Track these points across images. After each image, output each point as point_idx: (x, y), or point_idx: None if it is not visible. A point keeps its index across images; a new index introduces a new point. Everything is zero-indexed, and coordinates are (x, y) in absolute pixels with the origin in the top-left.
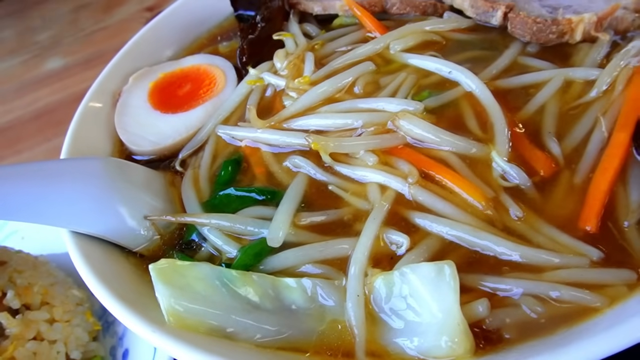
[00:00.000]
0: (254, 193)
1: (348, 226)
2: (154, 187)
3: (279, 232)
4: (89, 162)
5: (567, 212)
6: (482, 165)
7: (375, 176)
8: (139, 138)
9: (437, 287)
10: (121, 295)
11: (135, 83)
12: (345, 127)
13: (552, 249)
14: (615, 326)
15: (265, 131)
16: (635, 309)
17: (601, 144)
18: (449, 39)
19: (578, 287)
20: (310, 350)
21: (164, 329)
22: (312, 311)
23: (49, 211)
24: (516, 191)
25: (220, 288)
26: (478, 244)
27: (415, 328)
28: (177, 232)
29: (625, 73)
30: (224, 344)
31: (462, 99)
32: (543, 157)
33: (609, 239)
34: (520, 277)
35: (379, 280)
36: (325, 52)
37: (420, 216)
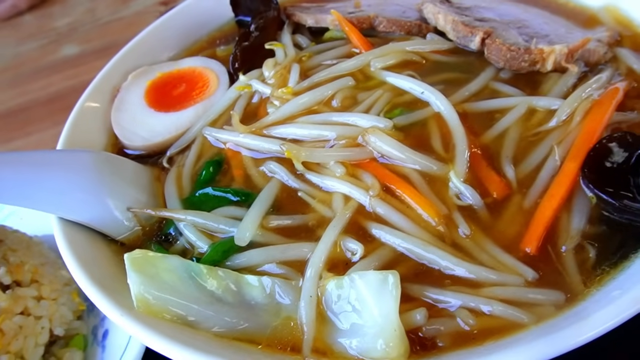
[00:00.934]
0: (229, 194)
1: (311, 231)
2: (140, 181)
3: (246, 232)
4: (80, 154)
5: (512, 234)
6: (441, 183)
7: (340, 186)
8: (131, 133)
9: (380, 294)
10: (97, 279)
11: (133, 81)
12: (319, 138)
13: (493, 266)
14: (537, 340)
15: (247, 136)
16: (559, 326)
17: (553, 171)
18: (429, 60)
19: (510, 304)
20: (263, 342)
21: (131, 313)
22: (269, 307)
23: (39, 197)
24: (469, 210)
25: (187, 280)
26: (425, 257)
27: (357, 330)
28: (157, 225)
29: (584, 105)
30: (185, 331)
31: (431, 119)
32: (498, 180)
33: (547, 261)
34: (459, 291)
35: (331, 284)
36: (311, 64)
37: (377, 227)
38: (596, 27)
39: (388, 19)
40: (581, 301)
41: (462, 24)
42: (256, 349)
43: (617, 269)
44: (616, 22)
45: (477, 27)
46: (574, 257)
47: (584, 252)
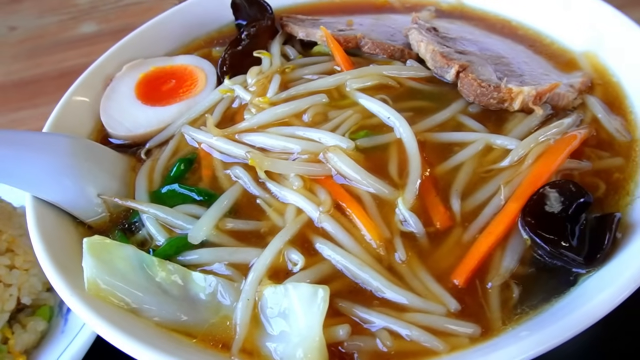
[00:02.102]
0: (194, 192)
1: (262, 238)
2: (116, 169)
3: (200, 232)
4: (59, 138)
5: (446, 264)
6: (389, 207)
7: (295, 199)
8: (117, 123)
9: (309, 306)
10: (56, 257)
11: (127, 71)
12: (285, 150)
13: (421, 293)
14: None
15: (219, 139)
16: (468, 358)
17: (496, 209)
18: (404, 86)
19: (428, 331)
20: (198, 337)
21: (81, 294)
22: (210, 305)
23: (15, 175)
24: (410, 237)
25: (138, 270)
26: (360, 277)
27: (284, 337)
28: (124, 214)
29: (538, 148)
30: (127, 318)
31: (393, 144)
32: (443, 212)
33: (472, 295)
34: (384, 313)
35: (268, 290)
36: (293, 76)
37: (321, 242)
38: (574, 71)
39: (373, 41)
40: (495, 337)
41: (441, 55)
42: (190, 342)
43: (536, 310)
44: (593, 69)
45: (454, 60)
46: (499, 294)
47: (509, 291)
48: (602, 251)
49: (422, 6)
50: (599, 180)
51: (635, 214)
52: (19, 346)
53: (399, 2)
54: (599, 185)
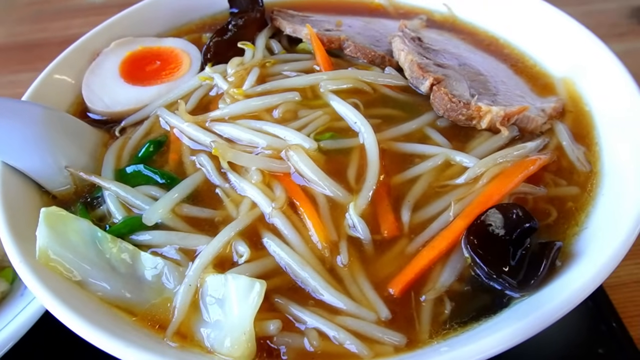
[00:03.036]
0: (157, 175)
1: (215, 227)
2: (87, 143)
3: (154, 214)
4: (33, 107)
5: (386, 273)
6: (341, 211)
7: (251, 192)
8: (96, 98)
9: (244, 298)
10: (14, 223)
11: (115, 48)
12: (250, 143)
13: (355, 298)
14: None
15: (190, 125)
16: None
17: (444, 225)
18: (378, 92)
19: (355, 335)
20: (138, 315)
21: (30, 262)
22: (154, 286)
23: None
24: (357, 242)
25: (90, 244)
26: (300, 276)
27: (217, 325)
28: (88, 188)
29: (495, 169)
30: (72, 290)
31: (356, 149)
32: (392, 221)
33: (405, 305)
34: (316, 313)
35: (210, 278)
36: (272, 71)
37: (269, 237)
38: (550, 95)
39: (355, 45)
40: (419, 349)
41: (418, 66)
42: (129, 320)
43: (464, 328)
44: (568, 95)
45: (430, 72)
46: (431, 308)
47: (442, 306)
48: (536, 278)
49: (415, 14)
50: (552, 208)
51: (579, 245)
52: None
53: (392, 7)
54: (550, 212)
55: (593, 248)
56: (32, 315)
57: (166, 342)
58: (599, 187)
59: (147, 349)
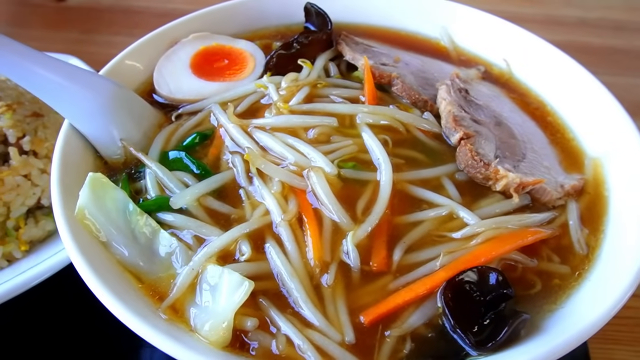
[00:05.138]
0: (194, 165)
1: (229, 223)
2: (144, 122)
3: (181, 199)
4: (107, 83)
5: (363, 302)
6: (341, 236)
7: (268, 200)
8: (163, 82)
9: (232, 292)
10: (64, 179)
11: (191, 40)
12: (280, 155)
13: (329, 317)
14: None
15: (234, 127)
16: None
17: (428, 272)
18: (410, 134)
19: (317, 350)
20: (145, 283)
21: (68, 215)
22: (164, 261)
23: (61, 102)
24: (346, 268)
25: (121, 212)
26: (287, 285)
27: (205, 309)
28: (136, 161)
29: (492, 232)
30: (96, 247)
31: (372, 183)
32: (383, 256)
33: (370, 335)
34: (290, 322)
35: (211, 267)
36: (321, 92)
37: (271, 244)
38: (577, 172)
39: (403, 85)
40: None
41: (453, 118)
42: (136, 285)
43: None
44: (593, 177)
45: (463, 126)
46: (393, 344)
47: (402, 344)
48: (495, 342)
49: (474, 63)
50: (538, 280)
51: (549, 321)
52: (26, 236)
53: (455, 52)
54: (535, 284)
55: (558, 328)
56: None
57: (159, 312)
58: (589, 272)
59: (140, 316)
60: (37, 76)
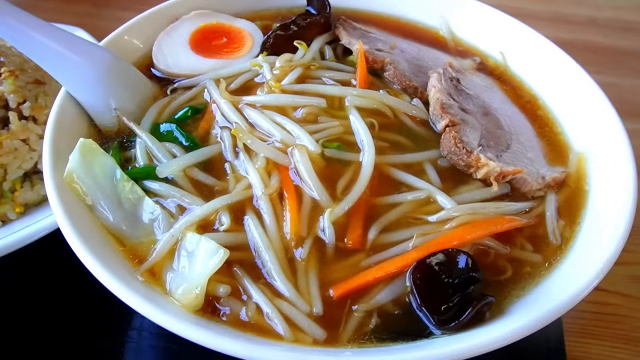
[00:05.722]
0: (184, 137)
1: (212, 194)
2: (139, 93)
3: (167, 169)
4: (105, 53)
5: (335, 277)
6: (319, 213)
7: (251, 175)
8: (162, 56)
9: (207, 259)
10: (56, 143)
11: (192, 17)
12: (267, 132)
13: (300, 289)
14: (280, 351)
15: (226, 103)
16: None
17: (400, 252)
18: (397, 119)
19: (285, 319)
20: (126, 246)
21: (57, 178)
22: (146, 227)
23: (60, 70)
24: (321, 243)
25: (108, 178)
26: (262, 256)
27: (180, 274)
28: (128, 131)
29: (466, 217)
30: (82, 210)
31: (354, 164)
32: (358, 235)
33: (338, 309)
34: (262, 291)
35: (190, 235)
36: (314, 74)
37: (250, 217)
38: (558, 165)
39: (395, 71)
40: (332, 348)
41: (441, 105)
42: (118, 248)
43: (381, 343)
44: (576, 171)
45: (449, 114)
46: (359, 318)
47: (368, 319)
48: (457, 322)
49: (471, 54)
50: (509, 267)
51: (515, 306)
52: (21, 199)
53: (453, 42)
54: (507, 270)
55: (522, 312)
56: None
57: (136, 274)
58: (560, 262)
59: (117, 276)
60: (37, 43)
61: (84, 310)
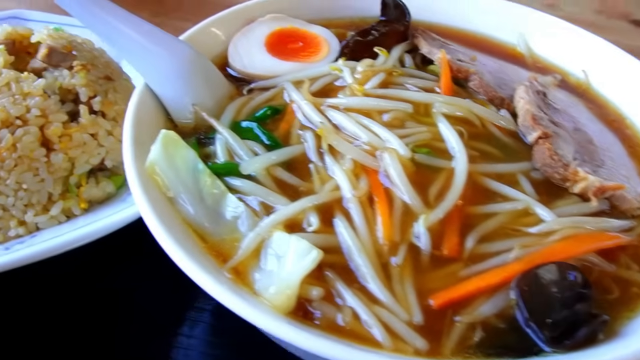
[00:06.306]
0: (265, 136)
1: (297, 194)
2: (217, 91)
3: (251, 166)
4: (185, 46)
5: (432, 286)
6: (411, 219)
7: (339, 176)
8: (238, 56)
9: (299, 259)
10: (136, 135)
11: (268, 20)
12: (353, 134)
13: (396, 296)
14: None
15: (307, 104)
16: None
17: (501, 263)
18: (485, 129)
19: (384, 326)
20: (209, 243)
21: (139, 169)
22: (229, 224)
23: (141, 61)
24: (415, 250)
25: (190, 171)
26: (355, 260)
27: (269, 274)
28: (206, 128)
29: (570, 231)
30: (163, 202)
31: (445, 171)
32: (455, 243)
33: (439, 319)
34: (357, 296)
35: (278, 234)
36: (396, 81)
37: (340, 219)
38: None
39: (481, 81)
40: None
41: (532, 117)
42: (200, 245)
43: (486, 359)
44: None
45: (541, 125)
46: (462, 330)
47: (472, 332)
48: (571, 340)
49: (551, 71)
50: (615, 286)
51: (627, 329)
52: (86, 195)
53: (532, 59)
54: (612, 290)
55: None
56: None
57: (223, 271)
58: None
59: (208, 272)
60: (120, 33)
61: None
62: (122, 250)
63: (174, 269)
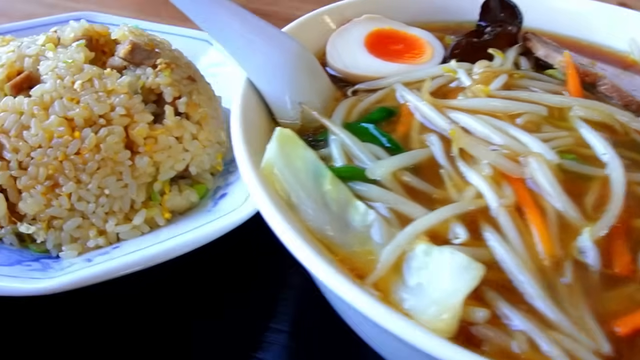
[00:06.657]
0: (385, 138)
1: (431, 202)
2: (322, 91)
3: (379, 169)
4: (291, 41)
5: (610, 309)
6: (571, 232)
7: (480, 183)
8: (337, 56)
9: (458, 275)
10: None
11: (364, 21)
12: (485, 138)
13: (573, 320)
14: None
15: (427, 105)
16: None
17: None
18: (628, 136)
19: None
20: (339, 256)
21: (255, 170)
22: (359, 234)
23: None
24: (582, 267)
25: (310, 174)
26: (516, 278)
27: (420, 291)
28: (313, 130)
29: None
30: (284, 207)
31: (597, 179)
32: (627, 261)
33: (630, 348)
34: (529, 319)
35: (421, 246)
36: (519, 83)
37: (490, 231)
38: None
39: (613, 84)
40: None
41: None
42: (332, 258)
43: None
44: None
45: None
46: None
47: None
48: None
49: None
50: None
51: None
52: (169, 204)
53: None
54: None
55: None
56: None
57: (367, 287)
58: None
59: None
60: (226, 25)
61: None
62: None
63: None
